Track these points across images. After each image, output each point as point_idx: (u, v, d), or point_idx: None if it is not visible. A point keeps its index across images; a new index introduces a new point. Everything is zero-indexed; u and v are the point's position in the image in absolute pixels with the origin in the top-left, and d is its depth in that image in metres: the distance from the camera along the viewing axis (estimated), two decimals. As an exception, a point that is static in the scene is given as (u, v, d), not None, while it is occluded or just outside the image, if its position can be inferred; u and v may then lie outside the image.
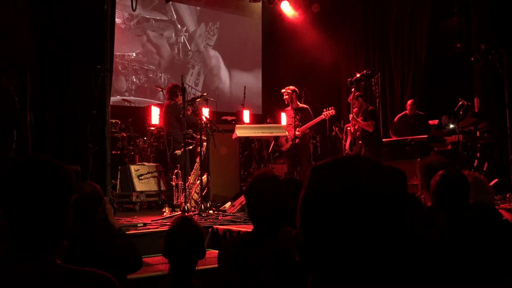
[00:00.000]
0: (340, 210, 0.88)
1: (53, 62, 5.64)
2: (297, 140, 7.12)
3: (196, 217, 5.60)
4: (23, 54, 4.97)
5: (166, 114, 7.12)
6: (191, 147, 6.94)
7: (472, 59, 7.41)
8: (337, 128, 9.60)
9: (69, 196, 1.35)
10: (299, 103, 7.50)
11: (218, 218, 5.72)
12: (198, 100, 6.70)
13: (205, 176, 6.72)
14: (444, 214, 2.30)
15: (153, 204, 7.79)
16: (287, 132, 7.09)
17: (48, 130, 5.59)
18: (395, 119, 8.50)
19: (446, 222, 2.27)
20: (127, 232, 3.24)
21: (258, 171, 2.24)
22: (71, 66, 5.79)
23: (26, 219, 1.27)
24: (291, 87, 7.51)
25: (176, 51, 10.87)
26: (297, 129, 7.14)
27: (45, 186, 1.30)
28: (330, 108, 7.44)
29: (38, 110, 5.30)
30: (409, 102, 8.45)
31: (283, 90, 7.47)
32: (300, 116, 7.24)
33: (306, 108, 7.46)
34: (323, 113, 7.44)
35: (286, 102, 7.52)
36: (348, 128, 7.85)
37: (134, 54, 10.22)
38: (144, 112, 8.96)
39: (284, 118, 8.29)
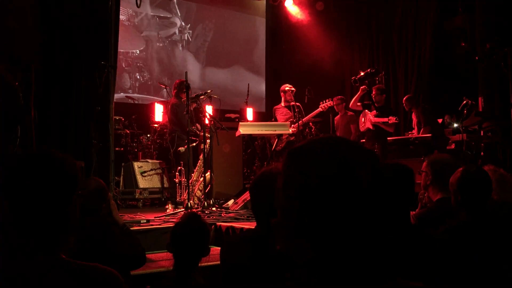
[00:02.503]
0: (320, 197, 0.83)
1: (57, 58, 5.65)
2: (292, 138, 7.11)
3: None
4: (28, 50, 4.98)
5: (171, 112, 7.11)
6: (194, 144, 6.94)
7: (476, 58, 7.38)
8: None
9: (74, 191, 1.33)
10: (294, 101, 7.48)
11: (221, 215, 5.73)
12: (202, 97, 6.70)
13: (208, 173, 6.72)
14: (466, 211, 2.30)
15: (156, 201, 7.80)
16: (291, 130, 7.07)
17: (52, 126, 5.61)
18: None
19: (468, 219, 2.27)
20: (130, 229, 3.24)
21: (264, 168, 2.23)
22: (75, 62, 5.80)
23: (31, 213, 1.26)
24: (288, 85, 7.50)
25: (180, 48, 10.88)
26: (292, 125, 7.13)
27: (49, 180, 1.29)
28: (327, 100, 7.37)
29: (42, 106, 5.31)
30: (403, 99, 8.22)
31: (290, 88, 7.46)
32: (293, 113, 7.25)
33: (299, 105, 7.43)
34: (320, 106, 7.38)
35: (283, 101, 7.50)
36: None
37: (138, 51, 10.23)
38: (147, 109, 8.96)
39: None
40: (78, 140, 5.77)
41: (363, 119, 7.70)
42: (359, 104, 7.52)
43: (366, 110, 7.54)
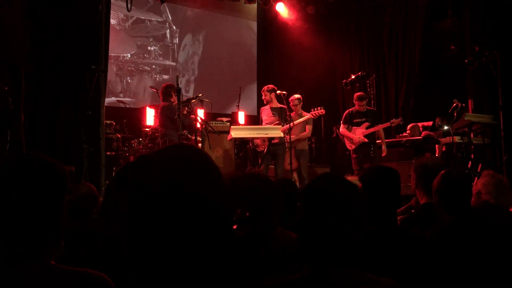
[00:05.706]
0: (158, 207, 0.83)
1: (48, 62, 5.63)
2: (275, 140, 7.09)
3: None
4: (17, 54, 4.95)
5: (161, 115, 7.08)
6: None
7: (466, 61, 7.44)
8: (337, 130, 9.48)
9: (63, 196, 1.33)
10: (278, 103, 7.45)
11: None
12: (193, 101, 6.69)
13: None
14: (447, 213, 2.31)
15: (147, 206, 7.75)
16: (282, 134, 7.06)
17: (42, 131, 5.58)
18: None
19: (449, 222, 2.28)
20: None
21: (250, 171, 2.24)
22: (66, 66, 5.78)
23: (19, 218, 1.25)
24: (270, 86, 7.47)
25: (171, 52, 10.86)
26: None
27: (38, 185, 1.28)
28: (318, 108, 7.34)
29: (32, 110, 5.29)
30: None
31: (265, 89, 7.43)
32: (280, 116, 7.23)
33: (285, 108, 7.40)
34: (311, 112, 7.35)
35: (265, 102, 7.48)
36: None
37: (129, 55, 10.20)
38: (138, 113, 8.92)
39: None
40: (69, 145, 5.75)
41: (347, 140, 7.71)
42: (345, 125, 7.62)
43: (353, 128, 7.58)
